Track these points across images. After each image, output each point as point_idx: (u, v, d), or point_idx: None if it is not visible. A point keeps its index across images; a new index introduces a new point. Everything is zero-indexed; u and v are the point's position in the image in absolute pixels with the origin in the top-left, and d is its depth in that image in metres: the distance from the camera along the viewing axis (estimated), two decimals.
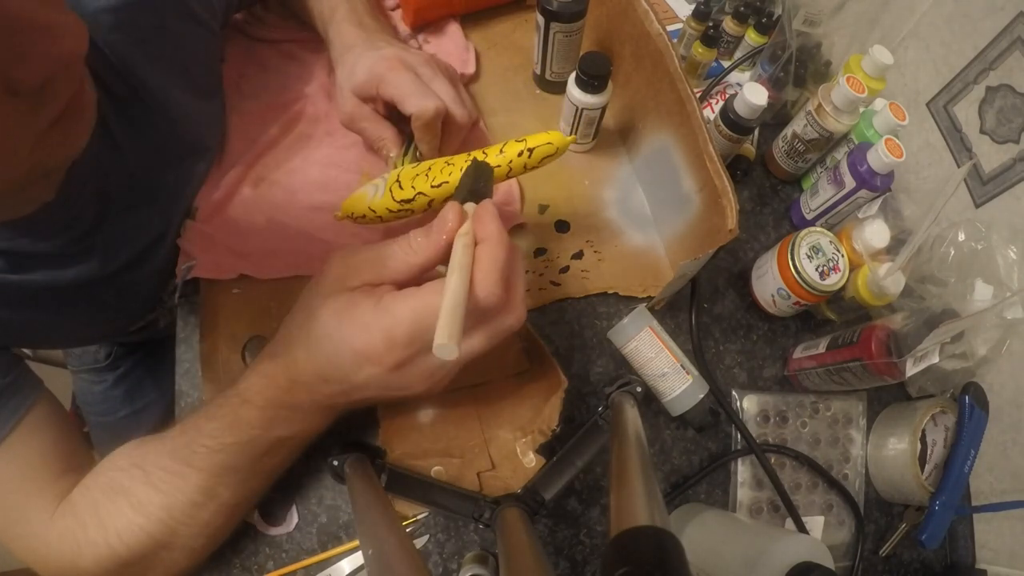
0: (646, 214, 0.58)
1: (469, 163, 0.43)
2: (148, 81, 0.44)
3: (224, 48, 0.57)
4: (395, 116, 0.50)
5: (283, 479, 0.45)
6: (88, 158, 0.39)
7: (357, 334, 0.33)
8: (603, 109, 0.54)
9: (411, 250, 0.34)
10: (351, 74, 0.50)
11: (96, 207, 0.42)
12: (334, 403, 0.38)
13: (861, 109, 0.58)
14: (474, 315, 0.32)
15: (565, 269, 0.55)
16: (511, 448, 0.47)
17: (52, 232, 0.40)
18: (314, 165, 0.56)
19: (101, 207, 0.43)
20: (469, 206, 0.35)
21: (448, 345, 0.26)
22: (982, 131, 0.58)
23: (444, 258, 0.33)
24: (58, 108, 0.30)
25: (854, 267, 0.53)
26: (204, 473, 0.38)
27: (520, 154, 0.43)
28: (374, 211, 0.47)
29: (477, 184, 0.38)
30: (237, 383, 0.39)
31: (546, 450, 0.45)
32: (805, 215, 0.61)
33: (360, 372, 0.34)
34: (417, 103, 0.46)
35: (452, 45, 0.64)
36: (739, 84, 0.66)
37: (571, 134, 0.57)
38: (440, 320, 0.27)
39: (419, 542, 0.47)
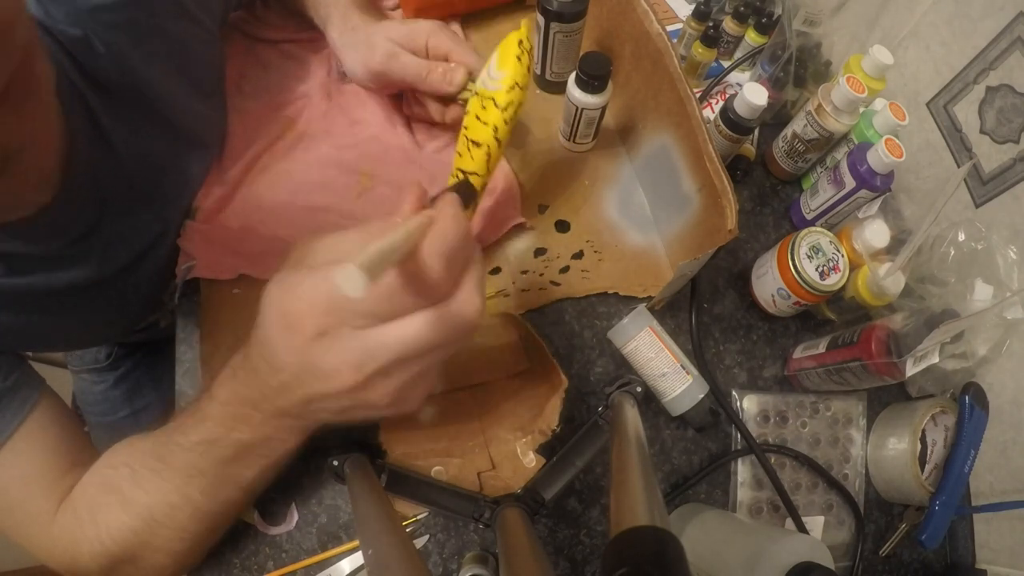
0: (646, 214, 0.58)
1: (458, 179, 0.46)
2: (147, 81, 0.44)
3: (224, 48, 0.57)
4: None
5: (283, 479, 0.45)
6: (83, 162, 0.40)
7: (284, 297, 0.29)
8: (603, 109, 0.54)
9: (368, 233, 0.30)
10: (387, 28, 0.52)
11: (93, 210, 0.42)
12: (286, 407, 0.33)
13: (861, 109, 0.58)
14: (415, 290, 0.28)
15: (565, 269, 0.55)
16: (511, 448, 0.47)
17: (49, 235, 0.40)
18: (314, 165, 0.56)
19: (98, 210, 0.43)
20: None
21: (351, 270, 0.21)
22: (982, 131, 0.58)
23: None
24: None
25: (854, 267, 0.53)
26: (178, 472, 0.37)
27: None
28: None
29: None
30: (212, 379, 0.38)
31: (546, 450, 0.45)
32: (805, 215, 0.61)
33: (284, 343, 0.30)
34: (468, 59, 0.51)
35: None
36: (739, 84, 0.66)
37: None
38: (363, 250, 0.23)
39: (419, 542, 0.47)
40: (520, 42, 0.45)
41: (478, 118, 0.46)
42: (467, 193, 0.41)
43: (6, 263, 0.39)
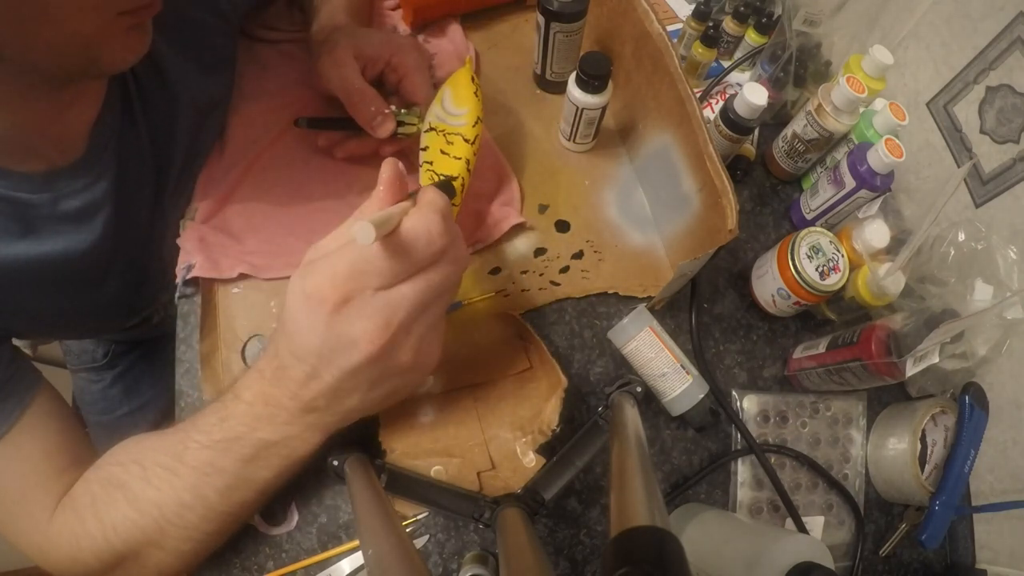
0: (646, 214, 0.58)
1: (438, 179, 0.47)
2: (167, 64, 0.46)
3: (237, 42, 0.57)
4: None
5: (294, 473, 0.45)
6: (109, 131, 0.43)
7: (308, 279, 0.32)
8: (603, 109, 0.54)
9: (363, 213, 0.34)
10: (362, 35, 0.52)
11: (110, 179, 0.44)
12: (314, 401, 0.35)
13: (861, 109, 0.58)
14: (405, 257, 0.31)
15: (565, 269, 0.55)
16: (511, 448, 0.47)
17: (70, 192, 0.42)
18: (314, 165, 0.56)
19: (115, 180, 0.44)
20: None
21: (365, 223, 0.27)
22: (982, 131, 0.58)
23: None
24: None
25: (854, 267, 0.53)
26: (193, 471, 0.37)
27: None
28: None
29: None
30: (236, 380, 0.39)
31: (546, 450, 0.45)
32: (805, 215, 0.61)
33: (310, 318, 0.32)
34: (420, 92, 0.52)
35: (452, 45, 0.64)
36: (739, 84, 0.66)
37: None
38: (370, 216, 0.29)
39: (419, 542, 0.47)
40: (472, 78, 0.49)
41: (444, 152, 0.48)
42: (447, 191, 0.44)
43: (23, 221, 0.40)
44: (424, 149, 0.49)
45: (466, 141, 0.48)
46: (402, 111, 0.51)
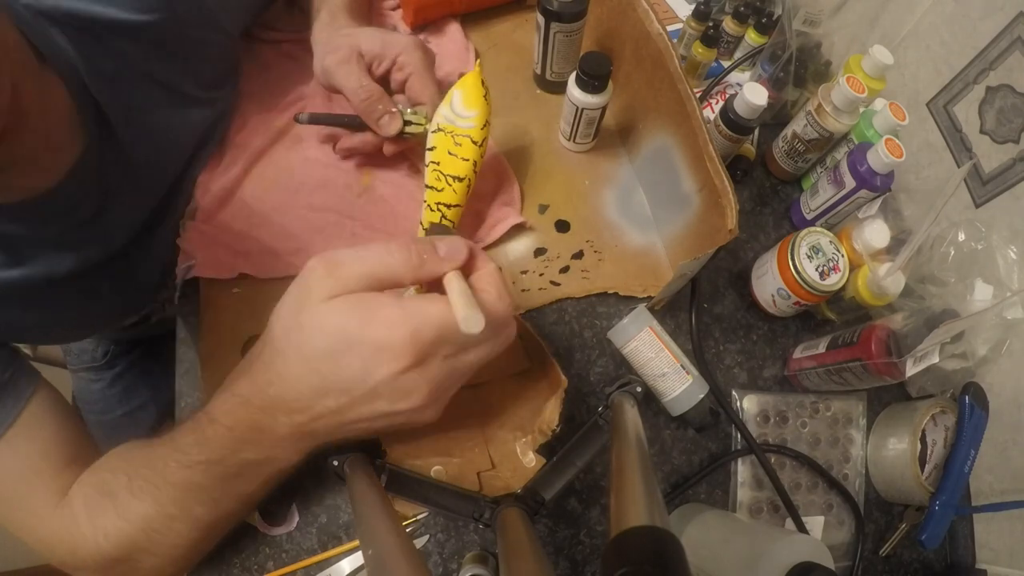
0: (646, 214, 0.58)
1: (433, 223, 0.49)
2: (162, 82, 0.46)
3: (238, 50, 0.57)
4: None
5: (283, 479, 0.45)
6: (89, 150, 0.41)
7: (380, 330, 0.30)
8: (603, 109, 0.54)
9: (387, 250, 0.32)
10: (363, 34, 0.51)
11: (96, 197, 0.43)
12: (315, 428, 0.34)
13: (861, 109, 0.58)
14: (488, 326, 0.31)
15: (565, 269, 0.55)
16: (511, 448, 0.47)
17: (52, 218, 0.41)
18: (314, 165, 0.56)
19: (101, 197, 0.44)
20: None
21: (473, 314, 0.28)
22: (982, 131, 0.58)
23: (438, 278, 0.33)
24: None
25: (854, 267, 0.53)
26: (176, 488, 0.37)
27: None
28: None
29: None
30: (209, 402, 0.37)
31: (546, 450, 0.45)
32: (805, 215, 0.61)
33: (377, 371, 0.31)
34: (426, 91, 0.51)
35: (452, 45, 0.64)
36: (739, 84, 0.66)
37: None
38: (456, 301, 0.29)
39: (419, 542, 0.47)
40: (482, 81, 0.49)
41: (451, 154, 0.48)
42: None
43: (9, 249, 0.40)
44: (431, 149, 0.49)
45: (474, 143, 0.48)
46: (408, 111, 0.51)
